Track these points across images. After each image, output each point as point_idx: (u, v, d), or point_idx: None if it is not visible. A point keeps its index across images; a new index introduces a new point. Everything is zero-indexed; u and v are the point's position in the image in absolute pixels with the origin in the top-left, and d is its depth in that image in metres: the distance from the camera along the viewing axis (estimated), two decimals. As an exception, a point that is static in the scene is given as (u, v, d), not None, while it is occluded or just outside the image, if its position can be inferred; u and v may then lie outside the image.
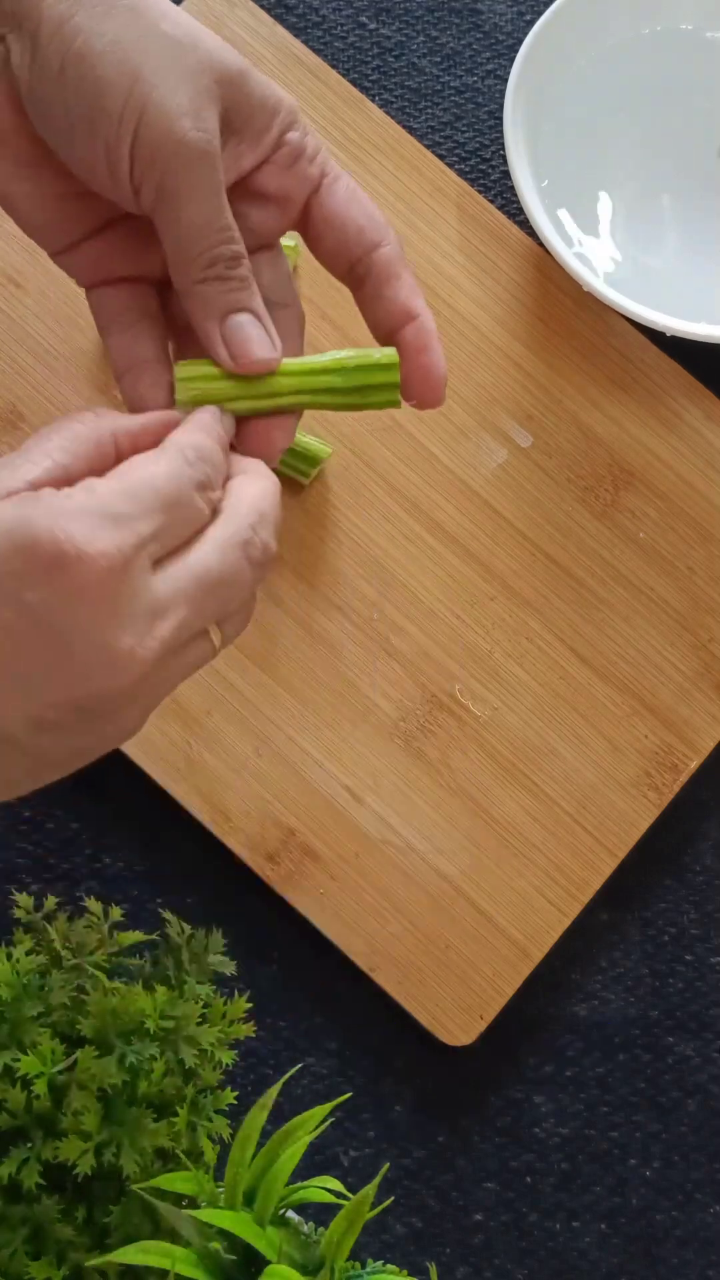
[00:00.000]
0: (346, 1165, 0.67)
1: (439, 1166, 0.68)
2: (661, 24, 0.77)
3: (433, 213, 0.75)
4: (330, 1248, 0.48)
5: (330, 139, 0.74)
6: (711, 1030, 0.70)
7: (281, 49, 0.75)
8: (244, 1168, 0.49)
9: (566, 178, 0.75)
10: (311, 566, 0.71)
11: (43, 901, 0.58)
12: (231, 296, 0.45)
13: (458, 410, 0.73)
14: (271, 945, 0.69)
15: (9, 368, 0.71)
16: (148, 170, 0.43)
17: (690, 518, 0.73)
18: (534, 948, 0.68)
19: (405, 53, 0.78)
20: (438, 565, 0.71)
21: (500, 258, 0.75)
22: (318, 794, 0.69)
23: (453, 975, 0.68)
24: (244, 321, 0.45)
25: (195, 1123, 0.54)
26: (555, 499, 0.73)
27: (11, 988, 0.53)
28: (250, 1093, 0.67)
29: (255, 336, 0.45)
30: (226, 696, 0.69)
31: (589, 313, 0.74)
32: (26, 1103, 0.51)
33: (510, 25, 0.79)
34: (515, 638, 0.71)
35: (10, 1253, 0.51)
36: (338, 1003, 0.69)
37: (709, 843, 0.72)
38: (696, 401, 0.74)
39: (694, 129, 0.77)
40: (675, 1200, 0.69)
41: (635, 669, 0.71)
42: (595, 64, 0.77)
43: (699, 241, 0.76)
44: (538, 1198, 0.68)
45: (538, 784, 0.70)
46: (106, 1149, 0.51)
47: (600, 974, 0.70)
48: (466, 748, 0.70)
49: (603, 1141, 0.69)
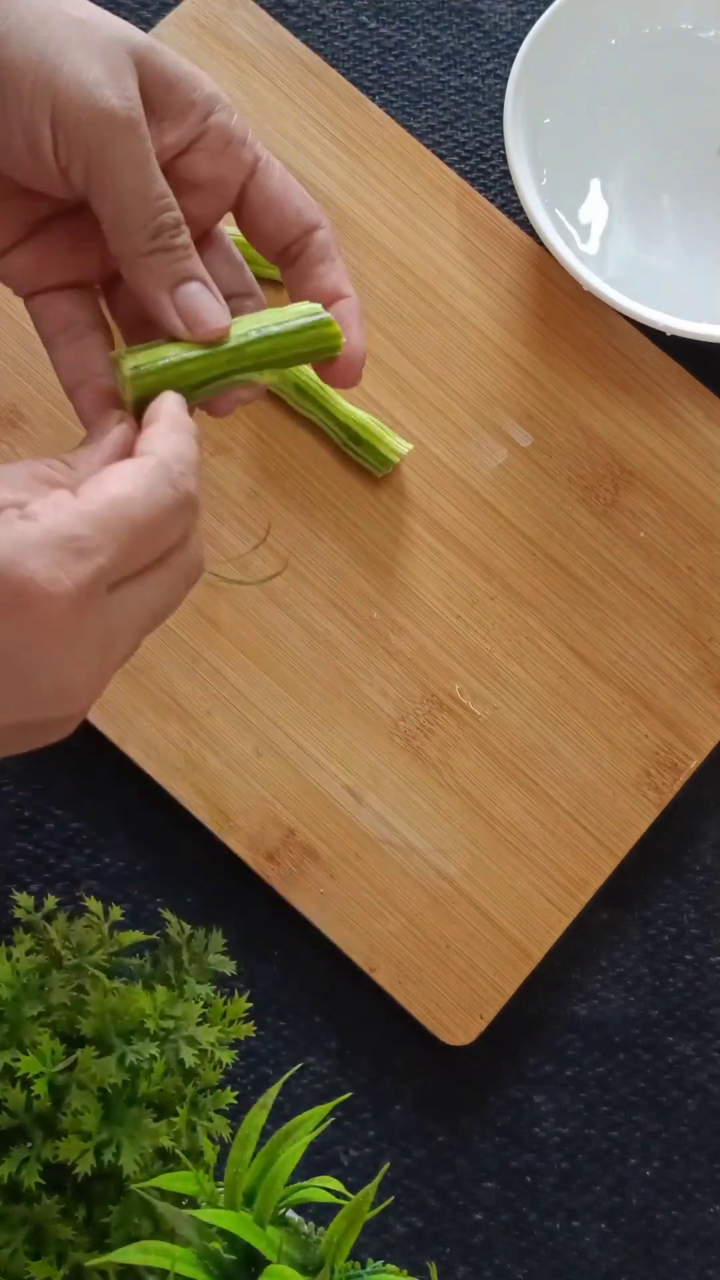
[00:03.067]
0: (346, 1165, 0.67)
1: (439, 1166, 0.68)
2: (661, 23, 0.77)
3: (433, 212, 0.75)
4: (330, 1247, 0.48)
5: (330, 138, 0.74)
6: (711, 1030, 0.70)
7: (281, 48, 0.75)
8: (244, 1168, 0.49)
9: (566, 177, 0.75)
10: (312, 566, 0.71)
11: (43, 901, 0.58)
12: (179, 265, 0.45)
13: (458, 410, 0.73)
14: (271, 945, 0.69)
15: (9, 368, 0.71)
16: (73, 145, 0.42)
17: (690, 517, 0.73)
18: (534, 947, 0.68)
19: (405, 52, 0.78)
20: (438, 565, 0.71)
21: (500, 257, 0.75)
22: (318, 793, 0.69)
23: (452, 975, 0.68)
24: (194, 290, 0.45)
25: (195, 1123, 0.54)
26: (555, 498, 0.73)
27: (11, 988, 0.53)
28: (250, 1093, 0.67)
29: (208, 304, 0.45)
30: (226, 696, 0.69)
31: (589, 312, 0.74)
32: (26, 1103, 0.51)
33: (510, 25, 0.79)
34: (515, 637, 0.71)
35: (10, 1253, 0.51)
36: (338, 1003, 0.69)
37: (709, 842, 0.72)
38: (697, 401, 0.74)
39: (694, 129, 0.77)
40: (675, 1200, 0.69)
41: (635, 668, 0.71)
42: (595, 64, 0.77)
43: (699, 241, 0.76)
44: (538, 1197, 0.68)
45: (538, 783, 0.70)
46: (106, 1149, 0.51)
47: (600, 973, 0.70)
48: (466, 747, 0.70)
49: (603, 1141, 0.69)
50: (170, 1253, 0.47)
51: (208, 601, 0.70)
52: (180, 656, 0.69)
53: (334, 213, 0.74)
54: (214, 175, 0.47)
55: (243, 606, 0.70)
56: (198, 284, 0.45)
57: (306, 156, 0.74)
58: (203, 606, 0.70)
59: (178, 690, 0.69)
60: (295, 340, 0.47)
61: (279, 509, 0.71)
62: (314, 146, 0.74)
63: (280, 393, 0.71)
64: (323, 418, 0.71)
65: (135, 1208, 0.52)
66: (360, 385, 0.73)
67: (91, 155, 0.43)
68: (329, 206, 0.74)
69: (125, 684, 0.68)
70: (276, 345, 0.46)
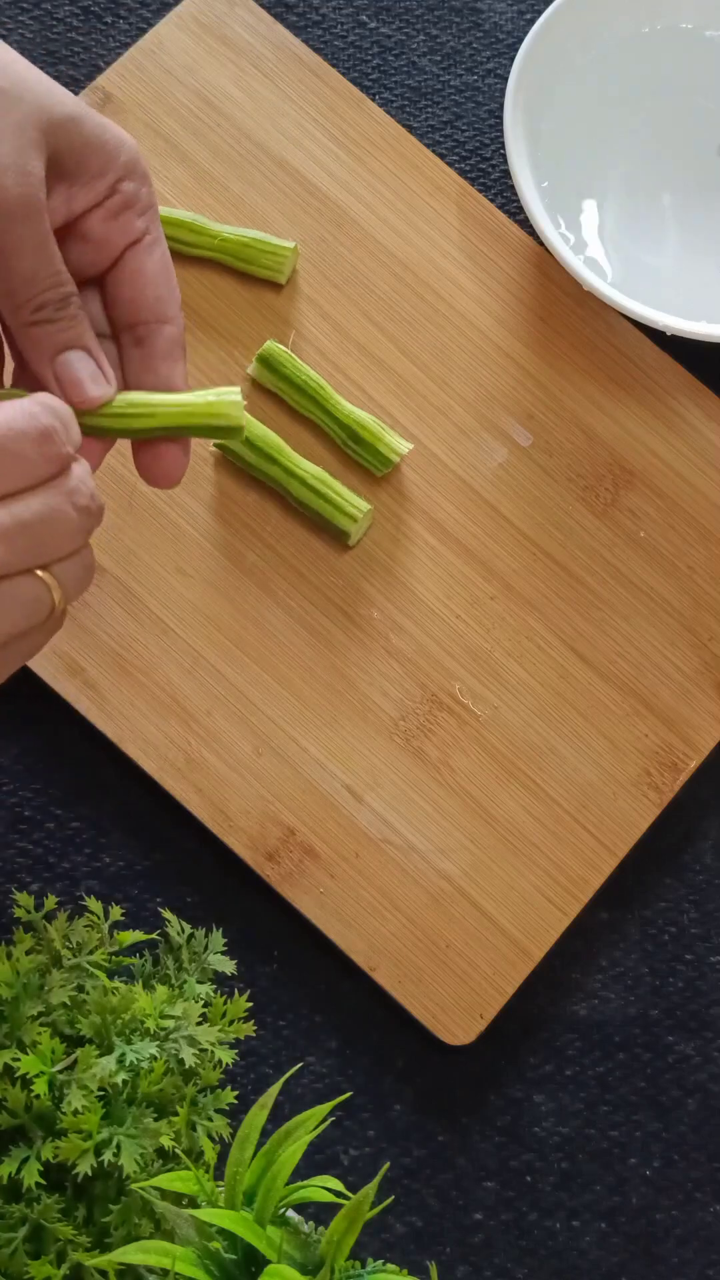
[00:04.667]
0: (346, 1164, 0.67)
1: (439, 1166, 0.68)
2: (661, 23, 0.77)
3: (433, 212, 0.75)
4: (330, 1247, 0.48)
5: (330, 137, 0.74)
6: (711, 1029, 0.70)
7: (281, 48, 0.75)
8: (244, 1167, 0.49)
9: (566, 176, 0.75)
10: (312, 566, 0.71)
11: (43, 901, 0.58)
12: (61, 336, 0.47)
13: (458, 409, 0.73)
14: (271, 945, 0.69)
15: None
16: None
17: (691, 517, 0.73)
18: (534, 947, 0.68)
19: (405, 51, 0.78)
20: (438, 564, 0.71)
21: (500, 257, 0.75)
22: (318, 793, 0.69)
23: (452, 975, 0.68)
24: (73, 359, 0.47)
25: (195, 1122, 0.54)
26: (555, 498, 0.73)
27: (11, 987, 0.53)
28: (250, 1092, 0.67)
29: (86, 373, 0.47)
30: (226, 696, 0.69)
31: (589, 312, 0.74)
32: (26, 1102, 0.51)
33: (510, 24, 0.79)
34: (515, 637, 0.71)
35: (10, 1252, 0.51)
36: (338, 1002, 0.69)
37: (709, 842, 0.72)
38: (697, 400, 0.74)
39: (694, 128, 0.77)
40: (675, 1199, 0.69)
41: (635, 668, 0.71)
42: (595, 63, 0.77)
43: (699, 241, 0.76)
44: (538, 1197, 0.68)
45: (538, 783, 0.70)
46: (106, 1148, 0.51)
47: (600, 973, 0.70)
48: (467, 747, 0.70)
49: (602, 1141, 0.69)
50: (170, 1252, 0.47)
51: (208, 601, 0.70)
52: (180, 656, 0.69)
53: (334, 212, 0.74)
54: (101, 235, 0.49)
55: (243, 606, 0.70)
56: (78, 352, 0.47)
57: (306, 156, 0.74)
58: (203, 606, 0.70)
59: (178, 690, 0.69)
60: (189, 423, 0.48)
61: (279, 508, 0.71)
62: (314, 146, 0.74)
63: (280, 392, 0.71)
64: (323, 417, 0.71)
65: (135, 1207, 0.52)
66: (360, 385, 0.73)
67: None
68: (329, 206, 0.74)
69: (125, 683, 0.68)
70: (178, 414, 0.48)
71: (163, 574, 0.70)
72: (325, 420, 0.71)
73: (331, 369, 0.73)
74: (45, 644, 0.45)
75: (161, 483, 0.50)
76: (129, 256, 0.49)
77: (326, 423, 0.71)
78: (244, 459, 0.70)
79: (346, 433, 0.70)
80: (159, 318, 0.49)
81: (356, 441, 0.70)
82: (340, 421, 0.70)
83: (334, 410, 0.70)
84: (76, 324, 0.47)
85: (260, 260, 0.72)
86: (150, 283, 0.49)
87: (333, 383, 0.72)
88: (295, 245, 0.72)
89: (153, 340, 0.49)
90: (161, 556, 0.70)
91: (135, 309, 0.49)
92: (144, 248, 0.49)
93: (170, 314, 0.50)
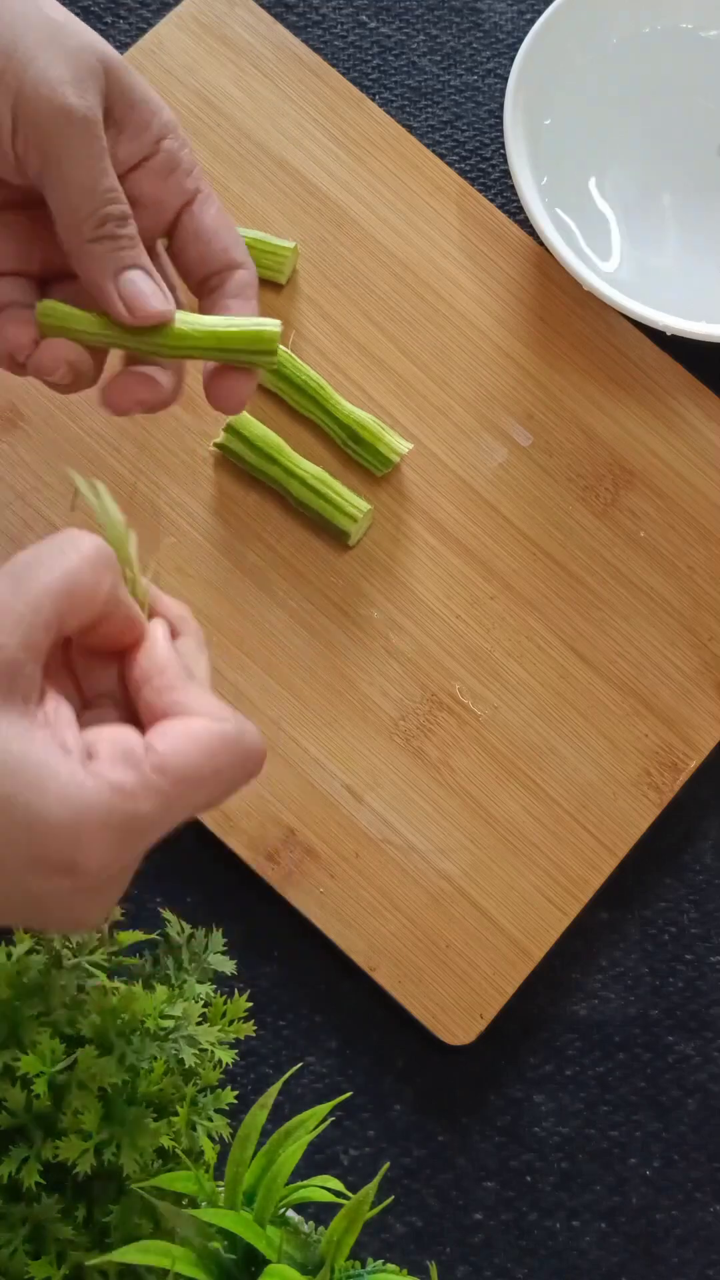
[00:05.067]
0: (346, 1164, 0.67)
1: (439, 1166, 0.68)
2: (661, 23, 0.77)
3: (433, 211, 0.75)
4: (330, 1247, 0.48)
5: (330, 137, 0.74)
6: (711, 1029, 0.70)
7: (281, 48, 0.75)
8: (244, 1167, 0.49)
9: (566, 176, 0.75)
10: (312, 565, 0.71)
11: (43, 901, 0.58)
12: (123, 254, 0.47)
13: (458, 409, 0.73)
14: (271, 945, 0.69)
15: (9, 367, 0.71)
16: (32, 136, 0.45)
17: (690, 517, 0.73)
18: (534, 947, 0.68)
19: (405, 51, 0.78)
20: (438, 564, 0.71)
21: (500, 257, 0.75)
22: (318, 793, 0.69)
23: (452, 975, 0.68)
24: (136, 277, 0.47)
25: (195, 1122, 0.54)
26: (555, 498, 0.73)
27: (11, 987, 0.53)
28: (250, 1092, 0.67)
29: (149, 290, 0.47)
30: (226, 696, 0.69)
31: (589, 312, 0.74)
32: (26, 1102, 0.51)
33: (510, 24, 0.79)
34: (515, 637, 0.71)
35: (10, 1252, 0.51)
36: (338, 1002, 0.69)
37: (709, 842, 0.72)
38: (697, 400, 0.74)
39: (694, 128, 0.77)
40: (675, 1199, 0.69)
41: (635, 668, 0.71)
42: (595, 63, 0.77)
43: (699, 241, 0.76)
44: (538, 1197, 0.68)
45: (538, 783, 0.70)
46: (106, 1148, 0.51)
47: (600, 973, 0.70)
48: (467, 747, 0.70)
49: (602, 1141, 0.69)
50: (170, 1252, 0.47)
51: (208, 601, 0.70)
52: (180, 656, 0.69)
53: (334, 212, 0.74)
54: (154, 196, 0.49)
55: (243, 606, 0.70)
56: (139, 271, 0.47)
57: (306, 156, 0.74)
58: (203, 606, 0.70)
59: (178, 690, 0.69)
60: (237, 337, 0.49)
61: (279, 508, 0.71)
62: (314, 146, 0.74)
63: (280, 392, 0.71)
64: (322, 417, 0.71)
65: (135, 1207, 0.52)
66: (360, 385, 0.73)
67: (47, 147, 0.45)
68: (329, 206, 0.74)
69: (125, 684, 0.68)
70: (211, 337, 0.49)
71: (163, 574, 0.70)
72: (325, 420, 0.71)
73: (331, 369, 0.73)
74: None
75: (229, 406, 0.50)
76: (186, 218, 0.49)
77: (326, 423, 0.71)
78: (244, 459, 0.70)
79: (346, 433, 0.70)
80: (229, 264, 0.50)
81: (356, 441, 0.70)
82: (340, 421, 0.70)
83: (334, 410, 0.70)
84: (137, 245, 0.47)
85: (260, 260, 0.72)
86: (214, 236, 0.49)
87: (333, 383, 0.72)
88: (295, 245, 0.72)
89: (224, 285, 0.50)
90: (161, 556, 0.70)
91: (205, 264, 0.50)
92: (199, 205, 0.49)
93: (240, 259, 0.50)
